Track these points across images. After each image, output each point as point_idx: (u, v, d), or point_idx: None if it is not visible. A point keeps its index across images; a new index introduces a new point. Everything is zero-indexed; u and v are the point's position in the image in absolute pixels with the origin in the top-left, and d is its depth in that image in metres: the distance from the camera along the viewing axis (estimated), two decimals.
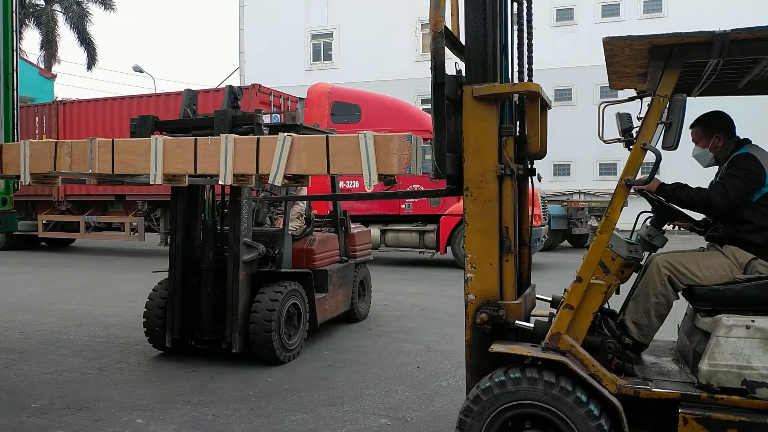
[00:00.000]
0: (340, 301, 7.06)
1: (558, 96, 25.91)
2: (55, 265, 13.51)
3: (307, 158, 3.56)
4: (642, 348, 3.39)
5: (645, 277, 3.31)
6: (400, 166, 3.26)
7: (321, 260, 6.73)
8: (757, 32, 2.73)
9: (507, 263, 3.24)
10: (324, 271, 6.66)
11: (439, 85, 3.07)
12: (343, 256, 7.35)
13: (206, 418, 4.32)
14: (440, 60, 3.07)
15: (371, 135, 3.35)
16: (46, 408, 4.49)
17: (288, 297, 5.77)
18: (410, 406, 4.61)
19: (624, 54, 3.07)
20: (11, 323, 7.24)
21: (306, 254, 6.54)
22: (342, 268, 7.11)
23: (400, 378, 5.27)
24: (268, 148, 3.65)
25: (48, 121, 15.39)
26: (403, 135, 3.28)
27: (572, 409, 2.89)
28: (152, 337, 5.93)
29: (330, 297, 6.74)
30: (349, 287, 7.34)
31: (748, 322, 2.87)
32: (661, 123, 2.91)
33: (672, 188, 3.28)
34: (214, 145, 3.83)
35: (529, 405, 2.98)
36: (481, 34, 3.17)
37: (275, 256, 6.00)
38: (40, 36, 32.25)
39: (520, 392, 2.97)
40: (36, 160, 4.40)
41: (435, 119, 3.08)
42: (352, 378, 5.26)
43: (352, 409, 4.53)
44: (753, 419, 2.79)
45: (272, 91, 13.92)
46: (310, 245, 6.61)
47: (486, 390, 3.04)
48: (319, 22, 29.51)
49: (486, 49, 3.16)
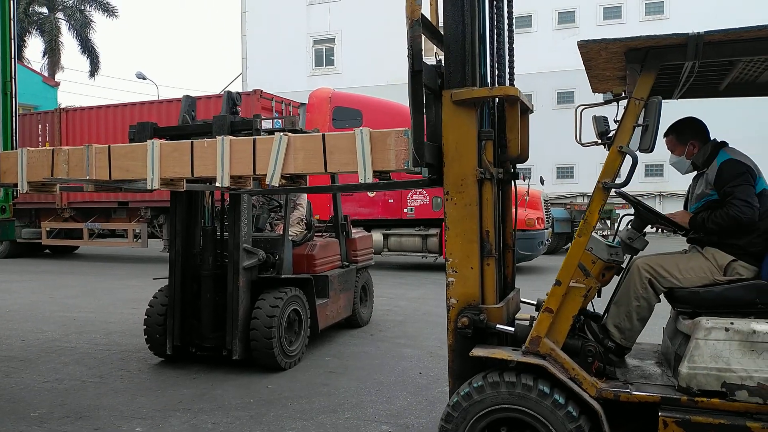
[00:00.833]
0: (341, 306, 7.03)
1: (560, 99, 25.92)
2: (57, 272, 13.57)
3: (304, 157, 3.56)
4: (625, 351, 3.38)
5: (626, 281, 3.31)
6: (397, 161, 3.26)
7: (322, 266, 6.70)
8: (731, 34, 2.73)
9: (488, 267, 3.24)
10: (325, 276, 6.64)
11: (417, 73, 3.07)
12: (344, 262, 7.32)
13: (206, 426, 4.31)
14: (417, 48, 3.07)
15: (367, 131, 3.35)
16: (46, 417, 4.49)
17: (288, 303, 5.74)
18: (412, 412, 4.58)
19: (601, 57, 3.07)
20: (13, 331, 7.27)
21: (307, 260, 6.53)
22: (343, 274, 7.08)
23: (402, 384, 5.24)
24: (264, 149, 3.66)
25: (51, 128, 15.47)
26: (400, 130, 3.28)
27: (552, 413, 2.89)
28: (153, 344, 5.91)
29: (331, 302, 6.71)
30: (351, 292, 7.30)
31: (727, 324, 2.86)
32: (637, 125, 2.91)
33: (701, 220, 3.26)
34: (210, 147, 3.84)
35: (509, 409, 2.97)
36: (460, 31, 3.16)
37: (275, 261, 5.98)
38: (44, 44, 32.48)
39: (499, 396, 2.97)
40: (33, 168, 4.43)
41: (412, 107, 3.08)
42: (353, 384, 5.24)
43: (353, 416, 4.50)
44: (732, 422, 2.77)
45: (274, 97, 13.96)
46: (311, 251, 6.60)
47: (465, 396, 3.04)
48: (320, 28, 29.65)
49: (464, 51, 3.16)
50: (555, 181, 25.25)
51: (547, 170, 23.74)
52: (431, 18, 3.37)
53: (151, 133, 5.44)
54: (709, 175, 3.31)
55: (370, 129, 3.41)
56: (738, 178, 3.16)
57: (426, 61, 3.13)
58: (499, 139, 3.45)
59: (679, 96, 3.57)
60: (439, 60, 3.29)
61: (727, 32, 2.73)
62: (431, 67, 3.26)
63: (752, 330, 2.81)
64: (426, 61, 3.13)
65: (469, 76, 3.18)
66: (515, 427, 3.01)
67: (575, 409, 2.89)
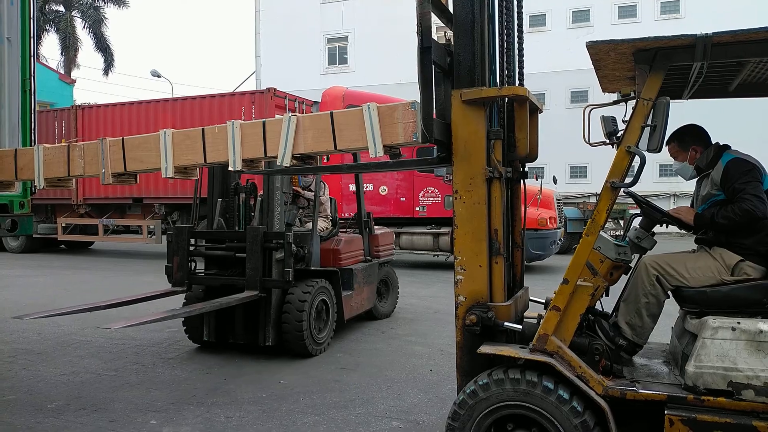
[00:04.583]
0: (364, 298, 7.40)
1: (574, 98, 25.81)
2: (73, 267, 13.73)
3: (314, 136, 3.57)
4: (637, 348, 3.37)
5: (634, 278, 3.32)
6: (405, 134, 3.26)
7: (347, 259, 7.08)
8: (739, 35, 2.74)
9: (496, 265, 3.27)
10: (350, 270, 7.00)
11: (426, 49, 3.09)
12: (367, 256, 7.67)
13: (219, 420, 4.37)
14: (426, 24, 3.10)
15: (375, 106, 3.35)
16: (62, 408, 4.57)
17: (317, 293, 6.12)
18: (422, 409, 4.61)
19: (610, 58, 3.09)
20: (30, 325, 7.36)
21: (333, 254, 6.90)
22: (366, 268, 7.44)
23: (412, 381, 5.28)
24: (274, 131, 3.68)
25: (67, 125, 15.68)
26: (407, 103, 3.27)
27: (558, 410, 2.91)
28: (191, 332, 6.30)
29: (356, 294, 7.09)
30: (374, 286, 7.67)
31: (733, 324, 2.87)
32: (645, 126, 2.93)
33: (709, 217, 3.25)
34: (221, 132, 3.87)
35: (517, 406, 3.00)
36: (470, 21, 3.19)
37: (305, 255, 6.24)
38: (59, 42, 32.80)
39: (506, 393, 3.00)
40: (50, 165, 4.49)
41: (421, 84, 3.11)
42: (364, 381, 5.28)
43: (364, 412, 4.54)
44: (738, 421, 2.78)
45: (287, 95, 14.04)
46: (336, 245, 6.97)
47: (472, 393, 3.08)
48: (334, 26, 29.70)
49: (474, 49, 3.19)
50: (568, 181, 25.11)
51: (561, 169, 23.61)
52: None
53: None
54: (714, 176, 3.31)
55: (377, 104, 3.43)
56: (746, 175, 3.16)
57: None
58: (508, 139, 3.46)
59: (689, 96, 3.58)
60: (449, 39, 3.31)
61: (735, 33, 2.74)
62: (441, 45, 3.28)
63: (759, 330, 2.82)
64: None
65: (479, 76, 3.21)
66: (522, 423, 3.04)
67: (582, 408, 2.91)
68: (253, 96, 13.92)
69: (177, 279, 6.08)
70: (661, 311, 3.31)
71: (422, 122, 3.11)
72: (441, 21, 3.47)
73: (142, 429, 4.21)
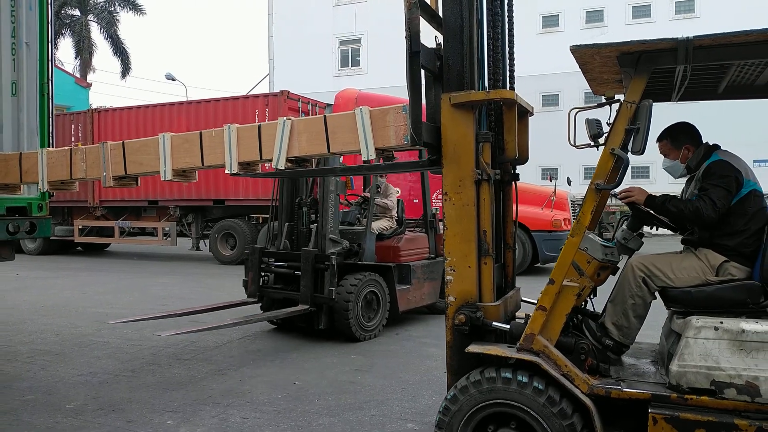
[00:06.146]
0: (425, 293, 7.83)
1: (588, 98, 25.61)
2: (89, 269, 13.94)
3: (308, 139, 3.66)
4: (624, 349, 3.41)
5: (621, 279, 3.36)
6: (397, 137, 3.33)
7: (406, 256, 7.67)
8: (720, 38, 2.78)
9: (485, 266, 3.32)
10: (408, 266, 7.53)
11: (415, 54, 3.14)
12: (431, 254, 8.10)
13: (235, 420, 4.40)
14: (415, 29, 3.14)
15: (367, 109, 3.43)
16: (80, 409, 4.63)
17: (366, 285, 6.77)
18: (437, 410, 4.64)
19: (595, 62, 3.14)
20: (48, 326, 7.49)
21: (393, 251, 7.58)
22: (428, 264, 7.89)
23: (427, 382, 5.28)
24: (269, 134, 3.77)
25: (83, 128, 15.91)
26: (398, 106, 3.34)
27: (544, 409, 2.97)
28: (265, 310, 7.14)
29: (414, 289, 7.55)
30: (437, 282, 7.98)
31: (716, 323, 2.90)
32: (629, 128, 2.97)
33: (661, 200, 3.29)
34: (218, 136, 3.97)
35: (504, 404, 3.06)
36: (458, 25, 3.24)
37: (358, 251, 7.02)
38: (74, 45, 33.21)
39: (494, 391, 3.07)
40: (53, 168, 4.62)
41: (410, 88, 3.15)
42: (379, 382, 5.30)
43: (379, 414, 4.55)
44: (721, 419, 2.81)
45: (300, 97, 14.17)
46: (396, 243, 7.66)
47: (462, 389, 3.15)
48: (346, 29, 29.81)
49: (463, 53, 3.25)
50: (582, 182, 24.94)
51: (575, 171, 23.53)
52: (431, 4, 3.48)
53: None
54: (699, 176, 3.34)
55: (369, 107, 3.50)
56: (719, 179, 3.18)
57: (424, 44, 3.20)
58: (498, 141, 3.51)
59: (677, 98, 3.61)
60: (439, 44, 3.36)
61: (715, 37, 2.78)
62: (430, 49, 3.33)
63: (741, 329, 2.85)
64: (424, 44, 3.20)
65: (468, 79, 3.26)
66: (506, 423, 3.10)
67: (569, 407, 2.96)
68: (266, 99, 14.02)
69: (251, 291, 7.01)
70: (648, 312, 3.34)
71: (411, 126, 3.17)
72: (431, 26, 3.53)
73: (159, 429, 4.25)
